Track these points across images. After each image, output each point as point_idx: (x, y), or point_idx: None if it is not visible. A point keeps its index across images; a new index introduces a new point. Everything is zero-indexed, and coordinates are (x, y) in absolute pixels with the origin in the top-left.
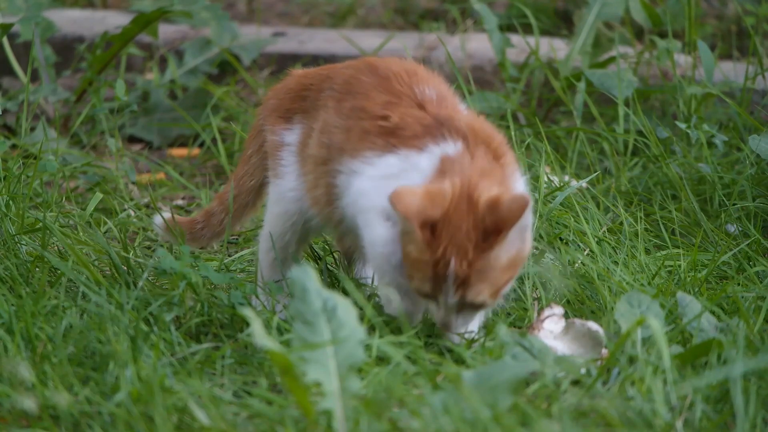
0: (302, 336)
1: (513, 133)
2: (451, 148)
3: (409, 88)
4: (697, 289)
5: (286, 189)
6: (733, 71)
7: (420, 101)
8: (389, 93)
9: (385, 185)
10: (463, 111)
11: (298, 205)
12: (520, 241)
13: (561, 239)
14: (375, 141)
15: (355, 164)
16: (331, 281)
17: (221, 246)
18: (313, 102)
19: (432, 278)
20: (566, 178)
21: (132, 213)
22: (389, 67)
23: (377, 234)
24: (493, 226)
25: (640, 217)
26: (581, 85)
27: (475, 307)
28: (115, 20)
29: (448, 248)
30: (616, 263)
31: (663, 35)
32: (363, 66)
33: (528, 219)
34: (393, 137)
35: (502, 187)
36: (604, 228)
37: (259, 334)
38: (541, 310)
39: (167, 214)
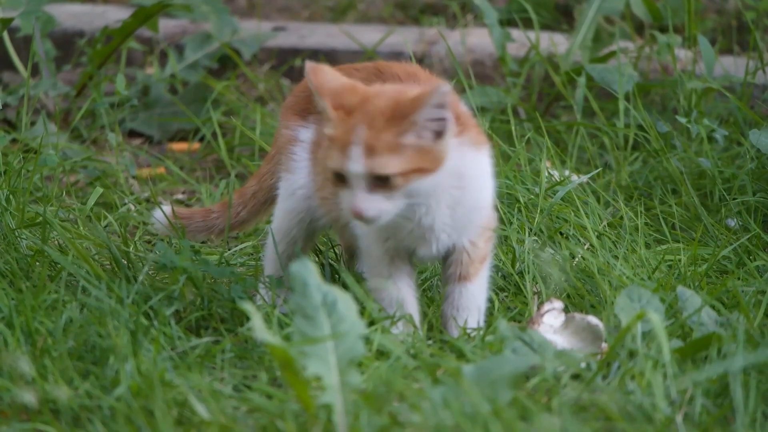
0: (302, 330)
1: (513, 127)
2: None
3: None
4: (697, 284)
5: (296, 186)
6: (733, 66)
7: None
8: None
9: None
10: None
11: (307, 203)
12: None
13: (561, 233)
14: None
15: None
16: (332, 275)
17: (222, 240)
18: None
19: (341, 148)
20: (567, 172)
21: (132, 207)
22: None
23: (374, 256)
24: (405, 108)
25: (641, 212)
26: (581, 80)
27: (382, 180)
28: (116, 14)
29: (360, 121)
30: (616, 257)
31: (663, 30)
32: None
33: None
34: None
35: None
36: (605, 222)
37: (259, 329)
38: (541, 304)
39: (167, 207)
